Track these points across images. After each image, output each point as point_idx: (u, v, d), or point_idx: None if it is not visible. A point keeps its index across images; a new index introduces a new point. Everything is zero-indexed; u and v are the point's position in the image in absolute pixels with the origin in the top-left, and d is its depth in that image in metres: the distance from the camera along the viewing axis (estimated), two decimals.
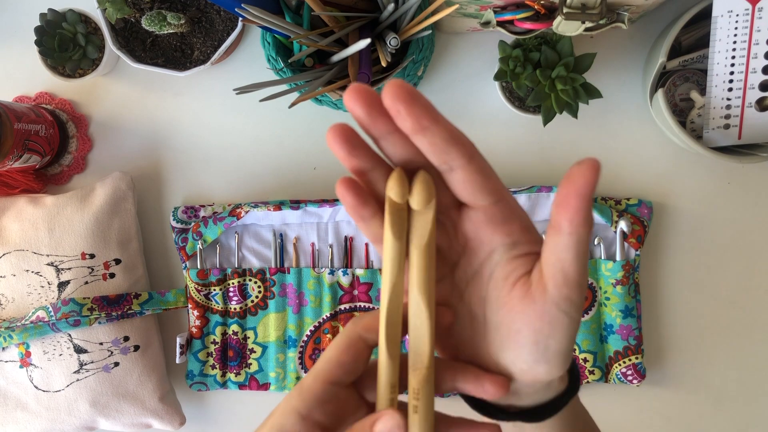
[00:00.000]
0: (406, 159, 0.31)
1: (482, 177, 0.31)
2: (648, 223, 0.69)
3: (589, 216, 0.29)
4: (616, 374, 0.68)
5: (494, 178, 0.32)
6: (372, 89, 0.29)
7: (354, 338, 0.33)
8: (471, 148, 0.31)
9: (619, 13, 0.59)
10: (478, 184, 0.31)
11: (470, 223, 0.33)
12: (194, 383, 0.70)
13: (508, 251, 0.33)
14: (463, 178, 0.31)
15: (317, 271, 0.70)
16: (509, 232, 0.32)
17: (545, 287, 0.31)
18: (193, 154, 0.73)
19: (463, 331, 0.34)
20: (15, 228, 0.66)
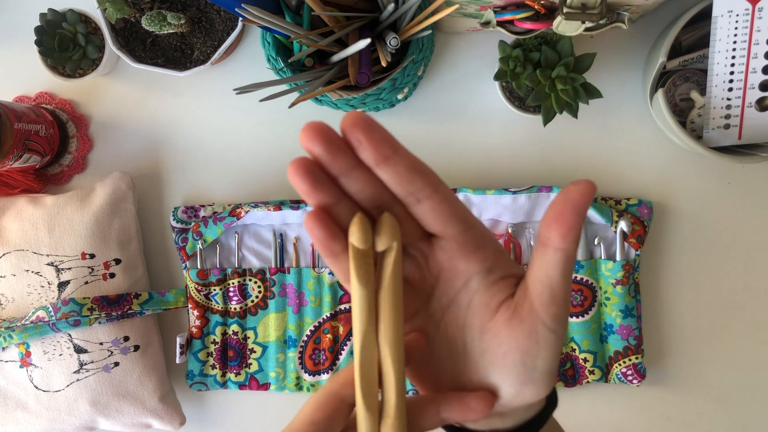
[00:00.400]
0: (370, 196, 0.30)
1: (449, 205, 0.31)
2: (648, 223, 0.69)
3: (579, 234, 0.30)
4: (616, 374, 0.68)
5: (461, 206, 0.32)
6: (329, 126, 0.29)
7: (329, 395, 0.32)
8: (435, 178, 0.30)
9: (619, 13, 0.59)
10: (446, 213, 0.31)
11: (443, 253, 0.32)
12: (194, 383, 0.70)
13: (486, 277, 0.32)
14: (431, 207, 0.30)
15: (317, 271, 0.70)
16: (484, 258, 0.32)
17: (532, 306, 0.31)
18: (193, 154, 0.73)
19: (441, 361, 0.34)
20: (15, 228, 0.66)
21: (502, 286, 0.33)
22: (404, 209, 0.31)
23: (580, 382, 0.69)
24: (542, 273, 0.31)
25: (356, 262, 0.30)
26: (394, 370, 0.30)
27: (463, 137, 0.72)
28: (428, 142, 0.72)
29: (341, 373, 0.32)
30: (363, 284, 0.30)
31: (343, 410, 0.32)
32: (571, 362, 0.69)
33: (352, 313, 0.30)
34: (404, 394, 0.31)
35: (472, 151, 0.72)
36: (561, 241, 0.29)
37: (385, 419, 0.31)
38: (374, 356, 0.31)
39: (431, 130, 0.72)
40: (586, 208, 0.29)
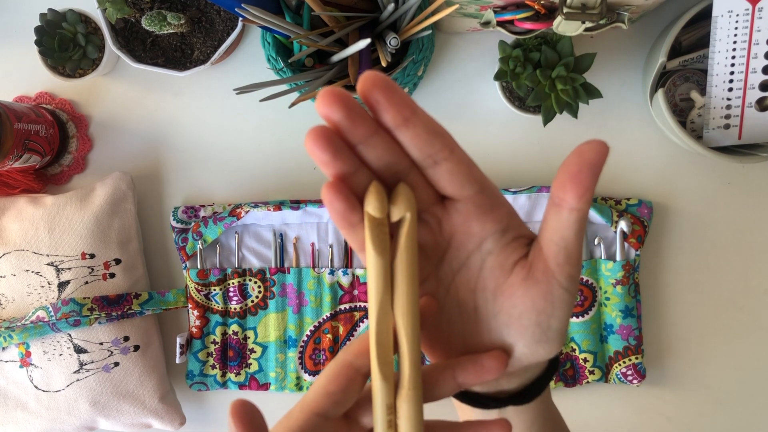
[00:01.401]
0: (387, 163, 0.30)
1: (466, 166, 0.31)
2: (648, 223, 0.69)
3: (593, 193, 0.30)
4: (616, 374, 0.68)
5: (476, 167, 0.32)
6: (347, 92, 0.28)
7: (343, 366, 0.32)
8: (452, 139, 0.30)
9: (619, 13, 0.59)
10: (464, 174, 0.31)
11: (458, 215, 0.32)
12: (194, 383, 0.70)
13: (501, 238, 0.32)
14: (449, 169, 0.30)
15: (317, 271, 0.70)
16: (499, 219, 0.32)
17: (547, 267, 0.31)
18: (193, 154, 0.73)
19: (452, 324, 0.34)
20: (15, 228, 0.66)
21: (516, 246, 0.33)
22: (419, 176, 0.31)
23: (580, 382, 0.69)
24: (557, 234, 0.31)
25: (372, 231, 0.30)
26: (409, 339, 0.30)
27: (463, 137, 0.72)
28: None
29: (355, 344, 0.32)
30: (379, 253, 0.30)
31: (358, 381, 0.32)
32: (571, 362, 0.69)
33: (368, 283, 0.30)
34: (420, 364, 0.31)
35: (472, 151, 0.71)
36: (577, 202, 0.29)
37: (401, 390, 0.31)
38: (390, 325, 0.30)
39: None
40: (600, 167, 0.29)
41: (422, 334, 0.33)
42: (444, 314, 0.34)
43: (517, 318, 0.32)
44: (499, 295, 0.33)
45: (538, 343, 0.32)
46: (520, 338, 0.32)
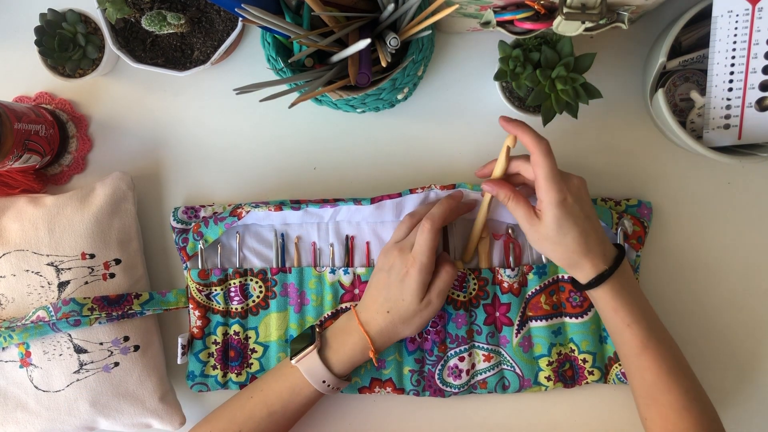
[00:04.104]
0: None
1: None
2: (648, 224, 0.69)
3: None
4: (615, 374, 0.68)
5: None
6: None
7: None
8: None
9: (619, 13, 0.59)
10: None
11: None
12: (195, 384, 0.70)
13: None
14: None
15: (318, 270, 0.70)
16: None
17: (540, 204, 0.60)
18: (193, 154, 0.73)
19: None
20: (15, 228, 0.66)
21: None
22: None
23: (579, 383, 0.69)
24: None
25: (506, 153, 0.64)
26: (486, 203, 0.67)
27: (463, 137, 0.72)
28: (428, 142, 0.72)
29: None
30: (506, 159, 0.64)
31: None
32: (570, 363, 0.69)
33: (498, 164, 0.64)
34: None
35: (472, 152, 0.72)
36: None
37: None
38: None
39: (431, 130, 0.72)
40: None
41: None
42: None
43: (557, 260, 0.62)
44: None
45: (571, 272, 0.62)
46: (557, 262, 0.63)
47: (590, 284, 0.60)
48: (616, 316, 0.60)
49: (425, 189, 0.67)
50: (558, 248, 0.60)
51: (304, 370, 0.63)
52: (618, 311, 0.60)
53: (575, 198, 0.60)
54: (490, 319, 0.69)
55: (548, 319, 0.68)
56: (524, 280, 0.69)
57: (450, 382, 0.69)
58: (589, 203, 0.61)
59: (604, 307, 0.61)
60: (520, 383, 0.69)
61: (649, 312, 0.61)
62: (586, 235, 0.59)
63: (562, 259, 0.61)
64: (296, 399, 0.63)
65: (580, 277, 0.61)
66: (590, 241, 0.60)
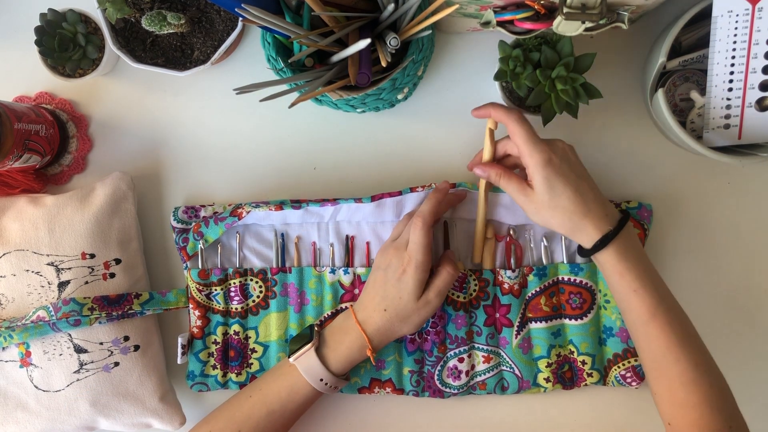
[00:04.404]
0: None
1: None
2: (648, 226, 0.69)
3: (504, 107, 0.62)
4: (615, 377, 0.68)
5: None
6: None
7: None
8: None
9: (619, 13, 0.59)
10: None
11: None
12: (195, 384, 0.70)
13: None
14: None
15: (318, 270, 0.70)
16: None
17: (528, 171, 0.60)
18: (193, 154, 0.73)
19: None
20: (15, 228, 0.66)
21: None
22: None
23: (578, 385, 0.69)
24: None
25: (490, 134, 0.65)
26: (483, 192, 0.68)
27: (463, 137, 0.72)
28: (428, 142, 0.72)
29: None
30: (491, 142, 0.65)
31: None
32: (569, 364, 0.69)
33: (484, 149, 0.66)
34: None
35: (472, 151, 0.72)
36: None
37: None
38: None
39: (431, 130, 0.72)
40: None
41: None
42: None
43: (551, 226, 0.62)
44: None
45: (573, 237, 0.61)
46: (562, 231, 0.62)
47: (595, 247, 0.59)
48: (623, 281, 0.58)
49: (425, 188, 0.67)
50: (556, 213, 0.59)
51: (302, 369, 0.63)
52: (624, 275, 0.58)
53: (561, 158, 0.59)
54: (490, 320, 0.69)
55: (548, 321, 0.68)
56: (524, 281, 0.69)
57: (449, 383, 0.69)
58: (579, 165, 0.61)
59: (610, 271, 0.59)
60: (519, 384, 0.69)
61: (657, 278, 0.59)
62: (581, 194, 0.59)
63: (562, 224, 0.60)
64: (295, 398, 0.63)
65: (584, 240, 0.60)
66: (588, 200, 0.59)
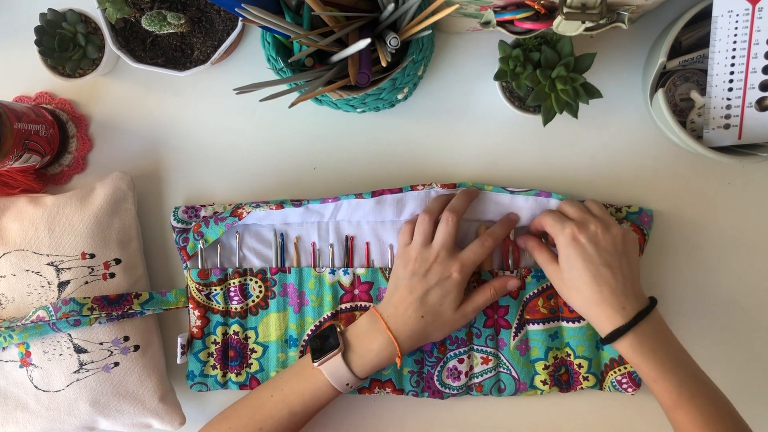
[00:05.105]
0: None
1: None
2: (648, 231, 0.69)
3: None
4: (611, 382, 0.68)
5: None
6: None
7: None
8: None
9: (619, 13, 0.59)
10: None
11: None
12: (195, 383, 0.70)
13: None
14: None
15: (318, 271, 0.70)
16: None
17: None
18: (193, 154, 0.73)
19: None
20: (15, 228, 0.66)
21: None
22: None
23: (575, 388, 0.69)
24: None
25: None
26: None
27: (463, 137, 0.72)
28: (428, 142, 0.72)
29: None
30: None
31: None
32: (565, 367, 0.69)
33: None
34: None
35: (472, 151, 0.72)
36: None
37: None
38: None
39: (431, 130, 0.72)
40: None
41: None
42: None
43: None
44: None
45: (587, 318, 0.62)
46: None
47: (606, 339, 0.60)
48: (641, 372, 0.59)
49: (426, 186, 0.67)
50: (572, 294, 0.61)
51: (327, 374, 0.62)
52: (641, 367, 0.58)
53: (589, 240, 0.59)
54: (489, 321, 0.69)
55: (545, 323, 0.68)
56: (522, 283, 0.69)
57: (449, 383, 0.69)
58: (610, 251, 0.60)
59: (629, 361, 0.60)
60: (516, 386, 0.69)
61: (682, 363, 0.58)
62: (598, 282, 0.59)
63: (579, 308, 0.61)
64: (318, 401, 0.63)
65: (598, 329, 0.61)
66: (604, 290, 0.59)
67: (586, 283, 0.59)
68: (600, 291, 0.59)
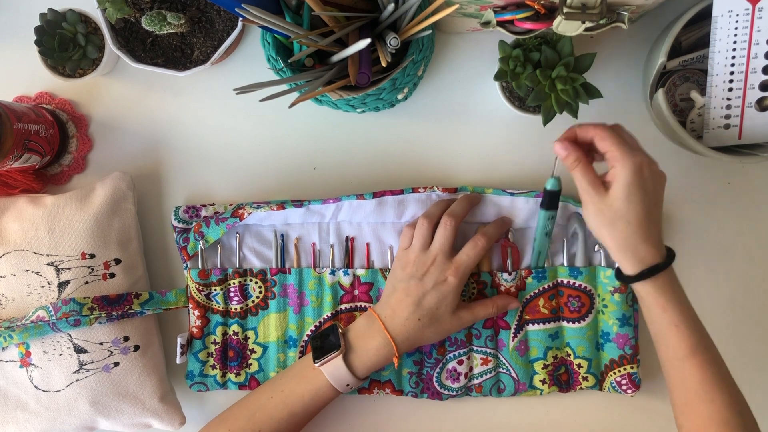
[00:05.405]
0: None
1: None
2: None
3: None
4: (610, 383, 0.68)
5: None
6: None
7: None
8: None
9: (619, 13, 0.59)
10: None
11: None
12: (194, 383, 0.70)
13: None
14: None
15: (318, 271, 0.70)
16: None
17: (612, 171, 0.57)
18: (193, 154, 0.73)
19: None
20: (15, 228, 0.66)
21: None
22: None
23: (574, 388, 0.69)
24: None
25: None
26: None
27: (463, 137, 0.72)
28: (428, 142, 0.72)
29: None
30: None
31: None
32: (565, 367, 0.69)
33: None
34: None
35: (472, 151, 0.72)
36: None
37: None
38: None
39: (431, 130, 0.72)
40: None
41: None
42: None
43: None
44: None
45: (622, 251, 0.57)
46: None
47: (642, 275, 0.56)
48: (664, 315, 0.57)
49: (427, 189, 0.67)
50: (618, 224, 0.56)
51: (328, 374, 0.62)
52: (667, 310, 0.57)
53: (651, 175, 0.56)
54: (488, 322, 0.69)
55: (546, 323, 0.68)
56: (522, 283, 0.69)
57: (448, 384, 0.69)
58: (661, 194, 0.58)
59: (652, 303, 0.57)
60: (515, 387, 0.69)
61: (697, 317, 0.58)
62: (649, 218, 0.56)
63: (617, 238, 0.56)
64: (318, 402, 0.64)
65: (631, 264, 0.57)
66: (651, 227, 0.56)
67: (638, 216, 0.55)
68: (649, 227, 0.56)
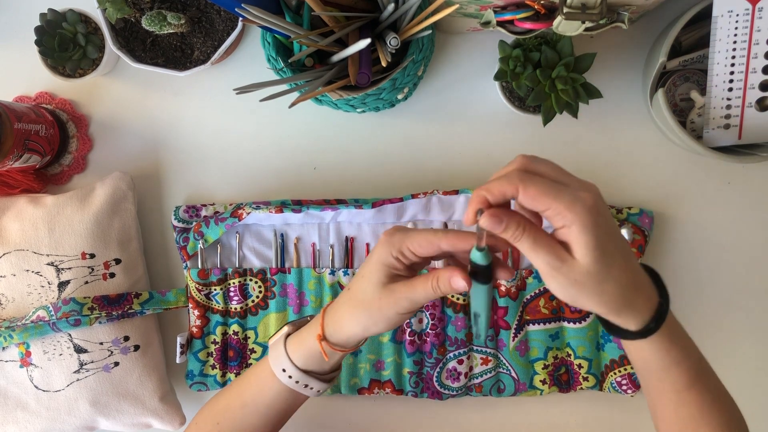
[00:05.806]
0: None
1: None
2: (649, 232, 0.69)
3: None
4: (611, 383, 0.68)
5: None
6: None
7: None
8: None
9: (619, 13, 0.59)
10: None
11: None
12: (194, 383, 0.70)
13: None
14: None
15: (318, 271, 0.70)
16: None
17: (567, 232, 0.44)
18: (193, 154, 0.73)
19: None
20: (15, 228, 0.66)
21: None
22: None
23: (574, 388, 0.69)
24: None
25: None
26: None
27: (463, 137, 0.72)
28: (428, 142, 0.72)
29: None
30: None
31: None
32: (565, 367, 0.69)
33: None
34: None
35: (472, 151, 0.72)
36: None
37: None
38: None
39: (431, 130, 0.72)
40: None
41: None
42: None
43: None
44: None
45: (621, 310, 0.45)
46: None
47: (648, 329, 0.47)
48: (668, 356, 0.49)
49: (427, 194, 0.67)
50: (606, 288, 0.43)
51: (270, 357, 0.55)
52: (670, 350, 0.49)
53: (602, 205, 0.43)
54: (489, 322, 0.69)
55: (546, 323, 0.68)
56: (523, 284, 0.69)
57: (448, 384, 0.69)
58: (611, 216, 0.45)
59: (657, 348, 0.49)
60: (515, 387, 0.69)
61: (695, 345, 0.53)
62: (630, 260, 0.45)
63: (611, 301, 0.44)
64: (264, 390, 0.55)
65: (634, 320, 0.46)
66: (635, 266, 0.45)
67: (621, 268, 0.43)
68: (634, 271, 0.45)
